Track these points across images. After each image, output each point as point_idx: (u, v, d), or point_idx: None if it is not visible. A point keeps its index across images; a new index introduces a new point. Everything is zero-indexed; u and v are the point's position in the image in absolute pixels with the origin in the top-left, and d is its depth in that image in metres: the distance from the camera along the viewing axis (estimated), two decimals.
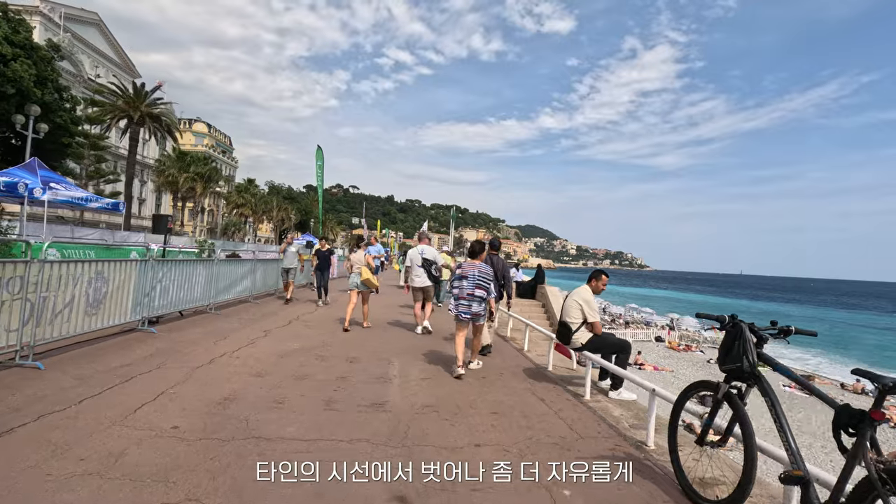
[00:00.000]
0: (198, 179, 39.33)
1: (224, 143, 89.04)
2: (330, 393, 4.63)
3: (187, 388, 4.47)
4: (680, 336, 34.01)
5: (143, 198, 58.07)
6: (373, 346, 7.14)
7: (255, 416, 3.88)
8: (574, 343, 5.12)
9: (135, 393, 4.20)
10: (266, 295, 12.42)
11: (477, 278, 5.56)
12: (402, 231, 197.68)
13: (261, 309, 10.38)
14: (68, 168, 27.03)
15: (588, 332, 5.09)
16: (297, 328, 8.30)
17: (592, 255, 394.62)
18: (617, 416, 4.45)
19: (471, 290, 5.55)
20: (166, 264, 7.68)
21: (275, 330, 7.85)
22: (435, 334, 8.56)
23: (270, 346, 6.52)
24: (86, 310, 5.64)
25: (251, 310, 10.16)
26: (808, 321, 62.66)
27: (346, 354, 6.36)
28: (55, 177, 13.13)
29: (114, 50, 58.33)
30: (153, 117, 38.48)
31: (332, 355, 6.25)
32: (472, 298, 5.55)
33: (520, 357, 7.17)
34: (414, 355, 6.68)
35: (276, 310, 10.45)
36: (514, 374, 5.98)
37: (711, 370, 24.38)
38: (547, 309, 15.21)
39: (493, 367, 6.27)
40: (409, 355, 6.63)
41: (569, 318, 5.11)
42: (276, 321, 8.85)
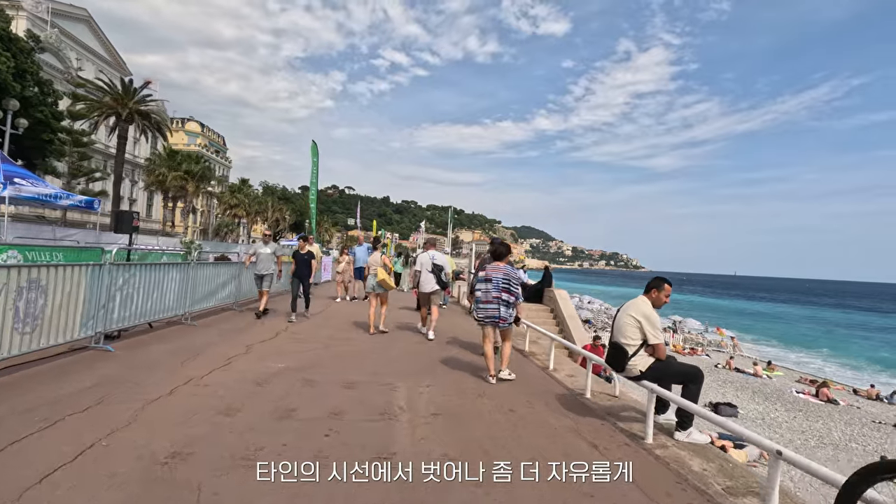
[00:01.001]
0: (189, 178, 37.92)
1: (217, 142, 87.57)
2: (319, 441, 3.51)
3: (128, 435, 3.35)
4: (684, 339, 33.08)
5: (134, 198, 56.66)
6: (373, 364, 6.06)
7: (213, 482, 2.78)
8: (630, 370, 4.02)
9: (49, 448, 3.06)
10: (253, 301, 11.20)
11: (502, 281, 5.25)
12: (398, 232, 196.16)
13: (244, 318, 9.23)
14: (51, 166, 25.64)
15: (648, 356, 3.99)
16: (284, 342, 7.17)
17: (588, 256, 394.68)
18: (699, 471, 3.36)
19: (497, 293, 5.26)
20: (129, 269, 6.54)
21: (258, 345, 6.70)
22: (438, 339, 7.89)
23: (249, 366, 5.39)
24: (14, 327, 4.51)
25: (233, 319, 9.02)
26: (810, 322, 62.06)
27: (342, 377, 5.26)
28: (21, 171, 11.96)
29: (104, 47, 56.91)
30: (142, 114, 37.15)
31: (324, 379, 5.14)
32: (498, 302, 5.26)
33: (547, 380, 6.08)
34: (420, 374, 5.61)
35: (262, 319, 9.37)
36: (548, 403, 4.89)
37: (720, 375, 23.45)
38: (556, 314, 14.13)
39: (519, 392, 5.18)
40: (415, 375, 5.56)
41: (623, 338, 4.01)
42: (260, 333, 7.71)
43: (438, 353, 7.04)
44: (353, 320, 9.83)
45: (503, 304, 5.26)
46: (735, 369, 24.02)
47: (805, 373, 25.61)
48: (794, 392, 19.90)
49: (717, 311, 67.02)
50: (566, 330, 12.90)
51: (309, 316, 10.08)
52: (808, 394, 19.54)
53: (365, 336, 8.17)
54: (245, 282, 10.72)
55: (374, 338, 8.00)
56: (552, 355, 6.66)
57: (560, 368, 6.61)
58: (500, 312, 5.28)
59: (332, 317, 10.49)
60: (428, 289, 8.20)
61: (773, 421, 16.46)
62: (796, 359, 33.99)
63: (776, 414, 17.14)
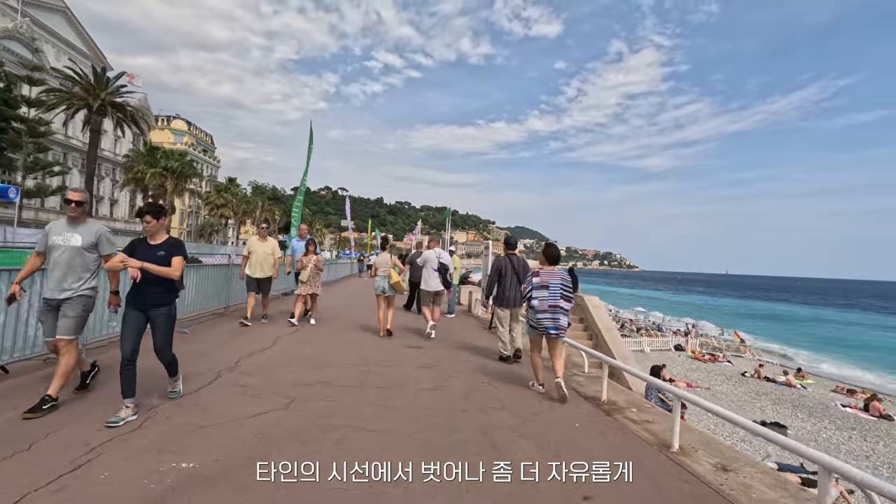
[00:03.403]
0: (168, 175, 35.31)
1: (205, 141, 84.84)
2: None
3: None
4: (701, 344, 31.06)
5: (115, 198, 53.86)
6: (354, 419, 3.81)
7: None
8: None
9: None
10: (203, 317, 8.40)
11: (561, 287, 4.89)
12: (392, 233, 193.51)
13: (187, 344, 6.01)
14: (6, 158, 23.09)
15: None
16: (223, 404, 3.97)
17: (582, 256, 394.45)
18: None
19: (554, 301, 4.87)
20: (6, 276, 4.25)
21: (176, 414, 3.70)
22: (441, 350, 6.33)
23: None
24: None
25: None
26: (809, 321, 60.58)
27: None
28: None
29: (82, 39, 54.28)
30: (116, 106, 34.58)
31: None
32: (556, 311, 4.87)
33: (614, 427, 4.01)
34: (435, 442, 3.38)
35: (210, 347, 6.19)
36: (656, 484, 2.71)
37: (750, 385, 21.43)
38: (587, 325, 11.95)
39: (573, 441, 3.00)
40: (427, 444, 3.34)
41: None
42: (201, 375, 4.80)
43: (448, 376, 4.92)
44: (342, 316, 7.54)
45: (562, 313, 4.88)
46: (765, 378, 21.99)
47: (840, 382, 23.64)
48: (840, 405, 17.88)
49: (720, 311, 65.41)
50: (602, 345, 10.75)
51: (267, 320, 8.38)
52: (854, 407, 17.56)
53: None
54: (194, 290, 8.21)
55: (370, 361, 5.77)
56: (605, 386, 4.97)
57: (624, 405, 4.43)
58: (560, 321, 4.88)
59: (300, 339, 7.23)
60: (433, 287, 8.01)
61: (828, 442, 14.42)
62: (813, 361, 32.11)
63: (828, 433, 15.11)
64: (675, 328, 35.80)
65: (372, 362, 6.03)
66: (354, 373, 5.44)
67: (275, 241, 8.69)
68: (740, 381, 22.02)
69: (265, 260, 8.31)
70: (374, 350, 6.82)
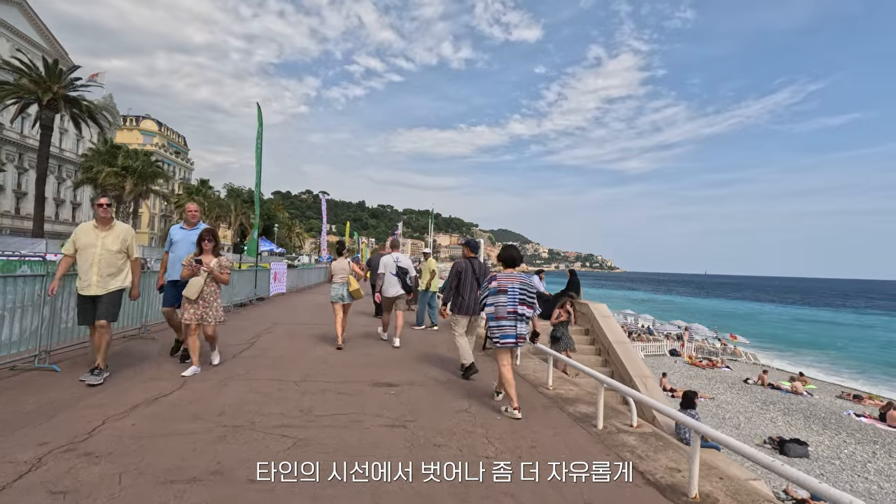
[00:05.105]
0: (127, 175, 32.66)
1: (178, 143, 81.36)
2: None
3: None
4: (696, 348, 29.89)
5: (61, 198, 50.32)
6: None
7: None
8: None
9: None
10: (161, 330, 6.88)
11: (519, 293, 4.35)
12: (374, 237, 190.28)
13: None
14: None
15: None
16: None
17: (564, 258, 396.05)
18: None
19: (513, 307, 4.32)
20: None
21: None
22: (420, 388, 5.00)
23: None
24: None
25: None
26: (798, 321, 60.60)
27: None
28: None
29: (40, 33, 51.12)
30: (71, 101, 31.91)
31: None
32: (516, 318, 4.33)
33: None
34: None
35: (69, 399, 3.90)
36: None
37: (755, 393, 20.15)
38: (595, 338, 10.30)
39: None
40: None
41: None
42: None
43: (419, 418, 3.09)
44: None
45: (522, 320, 4.37)
46: (769, 385, 20.74)
47: (844, 386, 22.57)
48: (853, 415, 16.65)
49: (701, 312, 64.95)
50: (614, 362, 9.08)
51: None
52: (869, 417, 16.34)
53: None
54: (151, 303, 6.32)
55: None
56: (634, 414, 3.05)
57: (645, 454, 2.74)
58: (518, 329, 4.35)
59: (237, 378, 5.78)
60: (392, 293, 7.66)
61: (852, 459, 13.07)
62: (806, 362, 31.25)
63: (850, 448, 13.77)
64: (666, 331, 34.63)
65: (315, 416, 3.97)
66: (278, 448, 3.22)
67: (127, 230, 4.83)
68: (744, 389, 20.74)
69: (107, 261, 4.62)
70: (323, 393, 4.69)
